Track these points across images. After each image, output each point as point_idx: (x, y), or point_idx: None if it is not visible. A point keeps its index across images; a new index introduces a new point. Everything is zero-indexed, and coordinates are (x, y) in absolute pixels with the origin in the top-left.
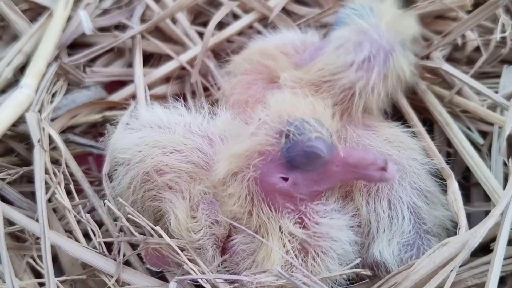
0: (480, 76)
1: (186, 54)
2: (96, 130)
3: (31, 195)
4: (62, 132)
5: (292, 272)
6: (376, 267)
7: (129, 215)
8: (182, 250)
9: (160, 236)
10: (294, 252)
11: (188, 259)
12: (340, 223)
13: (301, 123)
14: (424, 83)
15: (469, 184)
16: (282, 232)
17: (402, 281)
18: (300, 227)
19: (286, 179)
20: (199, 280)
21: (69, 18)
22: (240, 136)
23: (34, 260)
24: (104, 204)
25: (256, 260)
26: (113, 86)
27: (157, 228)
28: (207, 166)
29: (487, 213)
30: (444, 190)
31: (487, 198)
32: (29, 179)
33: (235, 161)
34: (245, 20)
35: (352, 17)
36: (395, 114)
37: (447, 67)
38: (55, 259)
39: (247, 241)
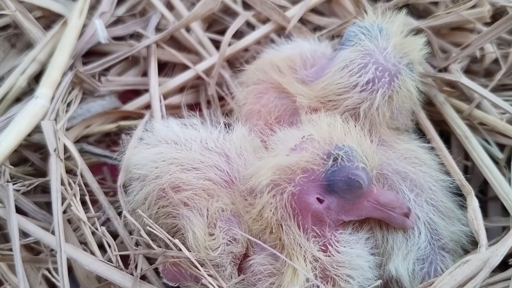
0: (499, 88)
1: (202, 64)
2: (110, 139)
3: (45, 205)
4: (77, 141)
5: None
6: (390, 282)
7: (147, 227)
8: (201, 265)
9: (179, 249)
10: (316, 279)
11: (207, 274)
12: (361, 252)
13: (351, 150)
14: (443, 96)
15: (486, 198)
16: (306, 256)
17: None
18: (323, 254)
19: (320, 202)
20: None
21: (84, 26)
22: (279, 149)
23: (50, 272)
24: (120, 216)
25: (281, 282)
26: (127, 95)
27: (176, 241)
28: (224, 183)
29: (504, 228)
30: (460, 204)
31: (504, 213)
32: (43, 188)
33: (279, 172)
34: (262, 30)
35: (359, 37)
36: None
37: (466, 81)
38: (70, 269)
39: (265, 263)
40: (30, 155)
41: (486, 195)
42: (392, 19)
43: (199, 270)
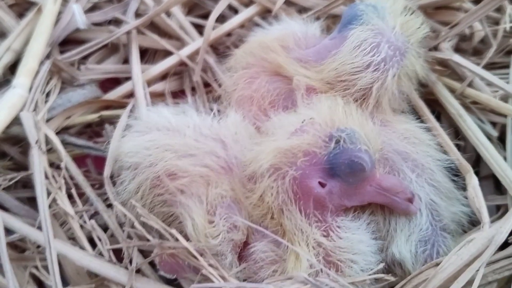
0: (488, 66)
1: (185, 49)
2: (92, 130)
3: (27, 201)
4: (57, 133)
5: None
6: (393, 265)
7: (141, 218)
8: (201, 255)
9: (176, 239)
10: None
11: (207, 264)
12: (363, 238)
13: (353, 132)
14: (434, 75)
15: (478, 177)
16: (308, 241)
17: (431, 279)
18: (325, 239)
19: (323, 186)
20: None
21: (59, 13)
22: (279, 133)
23: (38, 270)
24: (109, 208)
25: (284, 269)
26: (106, 84)
27: (173, 231)
28: (221, 169)
29: (499, 206)
30: (458, 185)
31: (497, 191)
32: (24, 183)
33: (280, 155)
34: (247, 13)
35: (369, 16)
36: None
37: (458, 58)
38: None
39: (267, 250)
40: (9, 149)
41: (478, 175)
42: None
43: (198, 260)
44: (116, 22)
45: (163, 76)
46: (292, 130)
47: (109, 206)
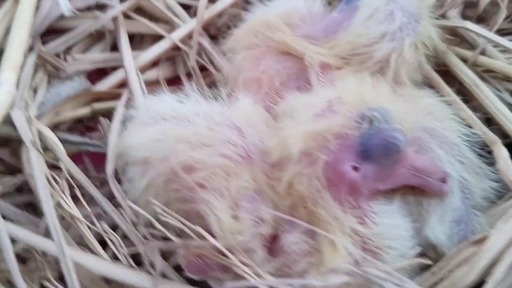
0: (497, 33)
1: (177, 32)
2: (83, 125)
3: (24, 207)
4: None
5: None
6: (426, 248)
7: (160, 217)
8: (231, 252)
9: (201, 237)
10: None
11: (239, 262)
12: (398, 221)
13: (386, 111)
14: (444, 45)
15: None
16: (344, 229)
17: (478, 258)
18: (362, 226)
19: (356, 170)
20: (259, 286)
21: (38, 1)
22: (303, 116)
23: (50, 282)
24: (117, 209)
25: (320, 261)
26: (93, 74)
27: (199, 228)
28: (241, 159)
29: None
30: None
31: None
32: (18, 188)
33: (309, 139)
34: None
35: None
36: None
37: (471, 26)
38: None
39: (300, 241)
40: None
41: None
42: None
43: (229, 258)
44: (99, 7)
45: (154, 63)
46: (317, 111)
47: (116, 206)
